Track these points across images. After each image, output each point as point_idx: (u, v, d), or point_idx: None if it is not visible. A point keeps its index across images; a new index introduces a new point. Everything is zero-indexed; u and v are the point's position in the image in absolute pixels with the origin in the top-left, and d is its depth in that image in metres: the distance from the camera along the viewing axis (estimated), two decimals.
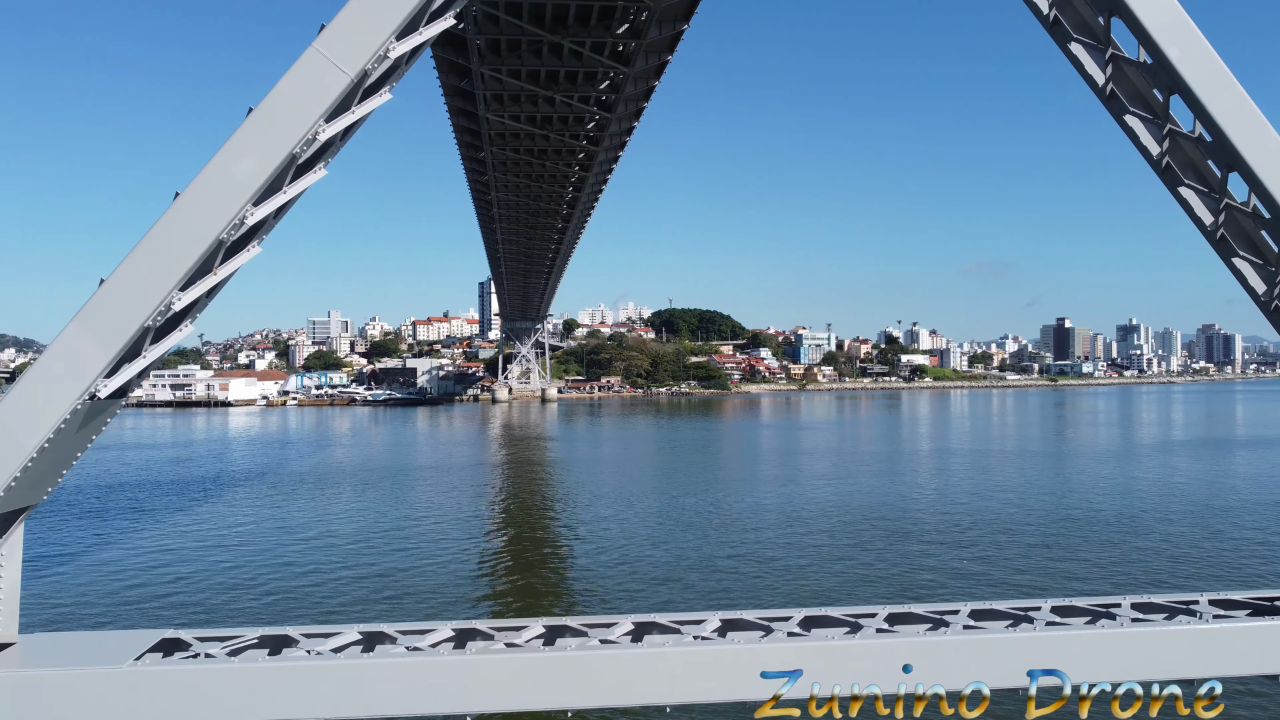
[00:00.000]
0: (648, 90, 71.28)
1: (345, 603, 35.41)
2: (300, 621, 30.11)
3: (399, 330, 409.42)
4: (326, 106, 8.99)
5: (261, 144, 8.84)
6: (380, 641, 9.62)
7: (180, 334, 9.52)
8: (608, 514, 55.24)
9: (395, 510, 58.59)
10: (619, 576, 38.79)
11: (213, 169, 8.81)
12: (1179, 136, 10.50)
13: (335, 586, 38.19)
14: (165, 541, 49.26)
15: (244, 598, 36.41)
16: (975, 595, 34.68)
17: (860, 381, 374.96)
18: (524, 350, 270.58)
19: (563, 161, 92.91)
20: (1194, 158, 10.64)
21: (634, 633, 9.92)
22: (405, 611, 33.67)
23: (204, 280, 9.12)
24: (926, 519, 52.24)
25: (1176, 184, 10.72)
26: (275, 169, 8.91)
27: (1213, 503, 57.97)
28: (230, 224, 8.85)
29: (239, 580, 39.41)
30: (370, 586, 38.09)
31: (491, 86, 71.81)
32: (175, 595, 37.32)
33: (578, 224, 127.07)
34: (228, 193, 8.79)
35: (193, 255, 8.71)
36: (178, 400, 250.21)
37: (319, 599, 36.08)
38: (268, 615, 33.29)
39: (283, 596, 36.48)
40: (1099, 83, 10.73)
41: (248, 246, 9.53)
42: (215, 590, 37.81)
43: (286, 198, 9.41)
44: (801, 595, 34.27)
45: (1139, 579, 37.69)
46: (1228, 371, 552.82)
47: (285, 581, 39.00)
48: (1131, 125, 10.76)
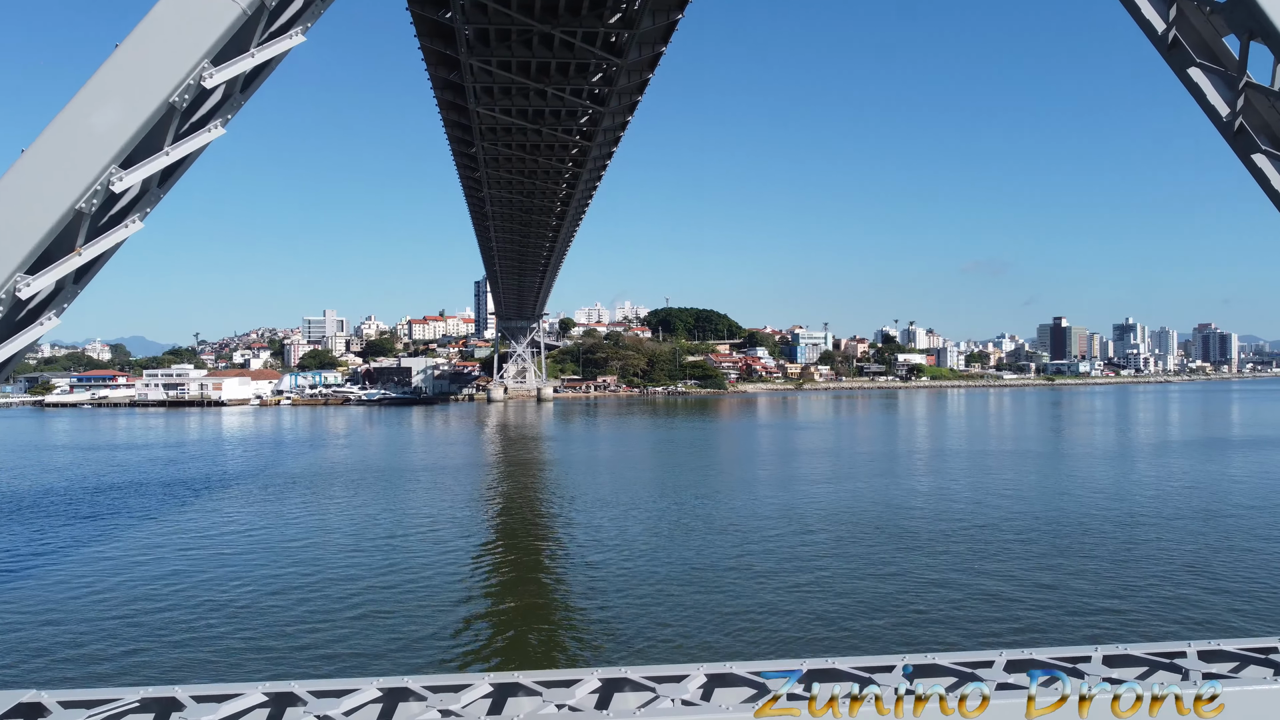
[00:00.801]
0: (641, 83, 69.50)
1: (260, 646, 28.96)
2: (193, 679, 26.11)
3: (394, 329, 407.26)
4: (211, 43, 7.17)
5: (128, 89, 7.00)
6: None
7: (40, 329, 7.70)
8: (604, 521, 53.33)
9: (387, 514, 56.68)
10: (613, 593, 36.73)
11: (65, 120, 6.94)
12: (1256, 92, 8.73)
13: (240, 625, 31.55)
14: (89, 565, 43.08)
15: (171, 639, 30.03)
16: (990, 610, 32.98)
17: (857, 381, 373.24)
18: (519, 349, 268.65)
19: (556, 157, 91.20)
20: (1271, 119, 8.88)
21: (600, 691, 8.17)
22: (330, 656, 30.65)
23: (62, 263, 7.30)
24: (932, 525, 50.45)
25: (1250, 150, 8.94)
26: (146, 121, 7.11)
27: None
28: (89, 190, 7.01)
29: (170, 615, 32.99)
30: (284, 624, 33.00)
31: (481, 79, 69.98)
32: (69, 639, 30.73)
33: (572, 221, 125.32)
34: (85, 150, 6.93)
35: (40, 229, 6.89)
36: (170, 400, 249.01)
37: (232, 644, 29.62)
38: (192, 663, 27.67)
39: (227, 635, 31.07)
40: (1158, 29, 8.96)
41: (125, 221, 7.73)
42: (135, 630, 30.96)
43: (169, 160, 7.59)
44: (803, 620, 32.19)
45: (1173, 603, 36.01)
46: (1224, 371, 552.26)
47: (240, 618, 33.56)
48: (1196, 80, 9.00)
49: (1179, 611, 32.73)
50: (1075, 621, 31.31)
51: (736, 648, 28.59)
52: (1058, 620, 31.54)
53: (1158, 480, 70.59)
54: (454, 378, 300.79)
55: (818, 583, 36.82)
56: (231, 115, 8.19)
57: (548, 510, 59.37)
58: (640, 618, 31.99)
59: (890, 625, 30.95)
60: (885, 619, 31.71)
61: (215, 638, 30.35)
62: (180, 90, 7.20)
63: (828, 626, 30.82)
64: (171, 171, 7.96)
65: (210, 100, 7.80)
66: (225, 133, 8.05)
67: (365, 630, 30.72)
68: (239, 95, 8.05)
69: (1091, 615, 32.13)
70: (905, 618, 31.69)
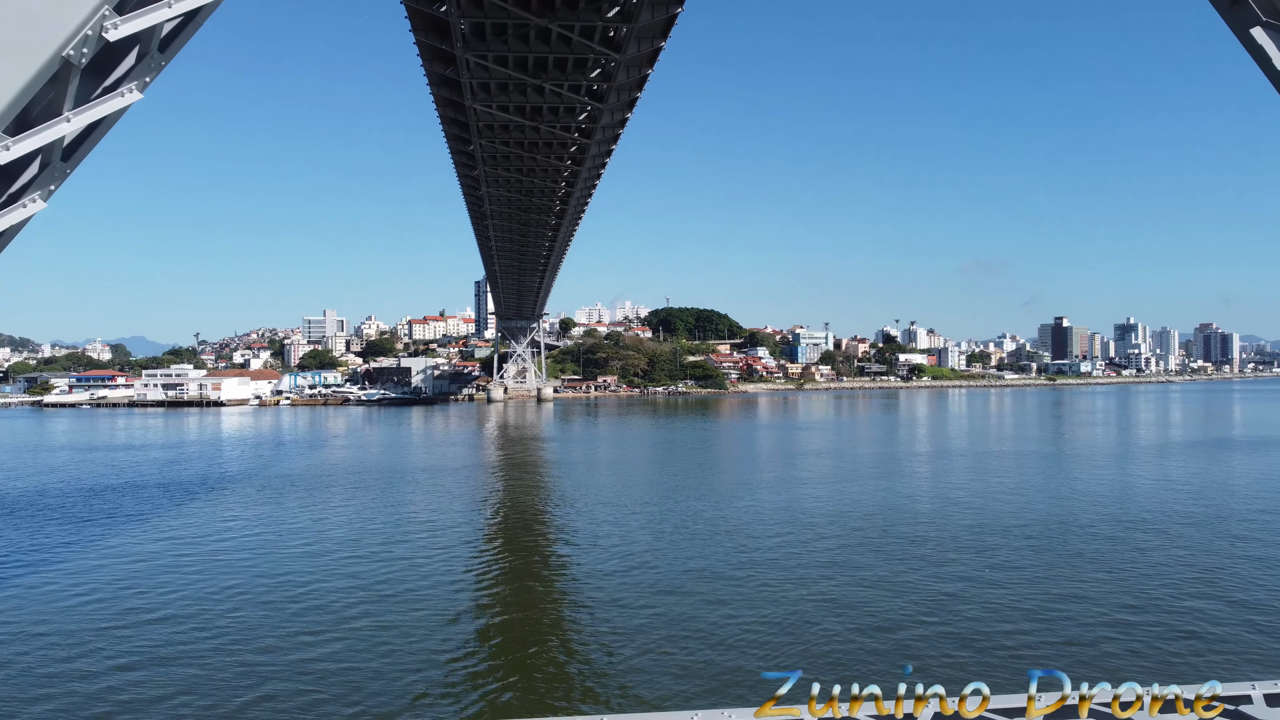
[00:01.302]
0: (641, 79, 68.47)
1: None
2: (174, 699, 24.74)
3: (395, 329, 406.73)
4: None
5: (11, 39, 5.93)
6: None
7: None
8: (605, 527, 51.90)
9: (384, 519, 55.44)
10: (614, 606, 35.08)
11: None
12: None
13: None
14: (73, 576, 41.11)
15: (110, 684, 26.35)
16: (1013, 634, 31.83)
17: (858, 381, 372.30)
18: (519, 349, 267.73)
19: (554, 155, 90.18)
20: None
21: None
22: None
23: None
24: (941, 532, 49.11)
25: None
26: (34, 78, 6.02)
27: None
28: None
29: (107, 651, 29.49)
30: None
31: (478, 74, 68.95)
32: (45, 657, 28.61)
33: (571, 220, 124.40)
34: None
35: None
36: (169, 400, 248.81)
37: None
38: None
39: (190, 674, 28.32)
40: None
41: (23, 200, 6.63)
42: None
43: (72, 128, 6.49)
44: (817, 639, 30.71)
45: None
46: (1226, 371, 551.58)
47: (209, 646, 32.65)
48: (1260, 41, 7.90)
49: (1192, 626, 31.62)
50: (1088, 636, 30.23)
51: (740, 664, 27.46)
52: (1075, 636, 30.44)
53: (1182, 480, 69.42)
54: (454, 378, 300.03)
55: (825, 597, 35.49)
56: (151, 79, 7.10)
57: (547, 517, 58.19)
58: (641, 635, 30.76)
59: (907, 642, 29.64)
60: (899, 636, 30.42)
61: (199, 655, 29.11)
62: (76, 42, 6.14)
63: (844, 646, 29.45)
64: (79, 143, 6.89)
65: (123, 59, 6.70)
66: (143, 98, 6.98)
67: (356, 650, 29.51)
68: (157, 55, 6.98)
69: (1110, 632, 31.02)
70: (926, 637, 30.31)
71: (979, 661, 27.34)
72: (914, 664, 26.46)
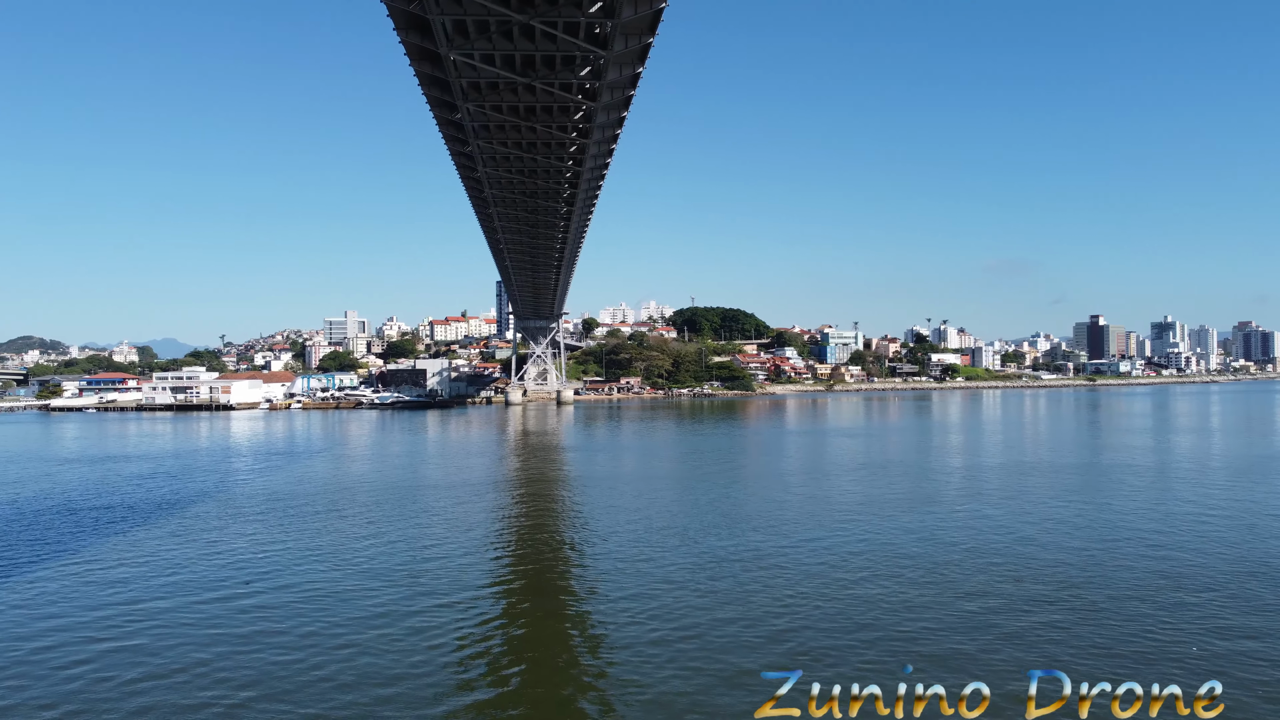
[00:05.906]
0: (634, 76, 64.47)
1: None
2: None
3: (416, 330, 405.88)
4: None
5: None
6: None
7: None
8: (630, 555, 47.82)
9: (398, 543, 51.17)
10: (629, 650, 31.97)
11: None
12: None
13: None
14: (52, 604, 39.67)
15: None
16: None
17: (890, 381, 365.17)
18: (538, 350, 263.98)
19: (554, 155, 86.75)
20: None
21: None
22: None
23: None
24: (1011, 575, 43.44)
25: None
26: None
27: None
28: None
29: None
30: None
31: (466, 74, 65.39)
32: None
33: (581, 218, 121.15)
34: None
35: None
36: (178, 404, 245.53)
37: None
38: None
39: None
40: None
41: None
42: None
43: None
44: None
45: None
46: (1269, 370, 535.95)
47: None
48: None
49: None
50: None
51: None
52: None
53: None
54: (472, 379, 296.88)
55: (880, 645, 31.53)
56: None
57: (568, 543, 53.56)
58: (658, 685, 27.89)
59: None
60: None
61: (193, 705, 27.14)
62: None
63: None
64: None
65: None
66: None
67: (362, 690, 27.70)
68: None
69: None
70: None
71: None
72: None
